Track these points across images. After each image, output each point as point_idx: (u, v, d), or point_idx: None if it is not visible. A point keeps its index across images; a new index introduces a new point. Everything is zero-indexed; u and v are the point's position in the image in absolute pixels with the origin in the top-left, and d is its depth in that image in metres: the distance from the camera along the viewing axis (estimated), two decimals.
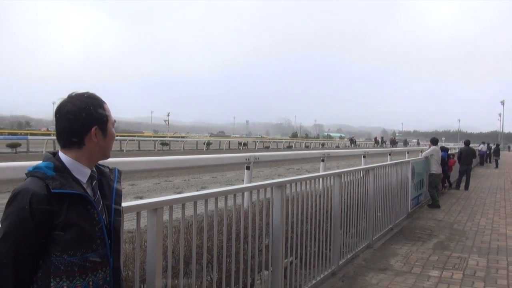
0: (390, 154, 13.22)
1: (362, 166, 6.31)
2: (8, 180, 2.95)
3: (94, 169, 1.61)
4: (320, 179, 4.57)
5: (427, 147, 11.49)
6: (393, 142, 64.39)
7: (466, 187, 13.41)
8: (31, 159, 1.63)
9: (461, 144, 29.50)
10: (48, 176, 1.43)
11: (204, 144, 38.48)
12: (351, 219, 5.29)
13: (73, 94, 1.56)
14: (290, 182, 3.84)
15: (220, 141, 42.65)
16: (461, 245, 6.26)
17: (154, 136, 52.42)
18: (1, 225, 1.42)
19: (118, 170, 1.73)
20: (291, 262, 3.86)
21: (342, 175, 5.00)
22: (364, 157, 10.84)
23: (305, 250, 4.09)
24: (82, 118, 1.51)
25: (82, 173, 1.53)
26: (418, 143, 72.54)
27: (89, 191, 1.54)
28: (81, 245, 1.46)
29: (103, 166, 1.69)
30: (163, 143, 35.71)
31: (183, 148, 33.63)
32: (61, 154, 1.53)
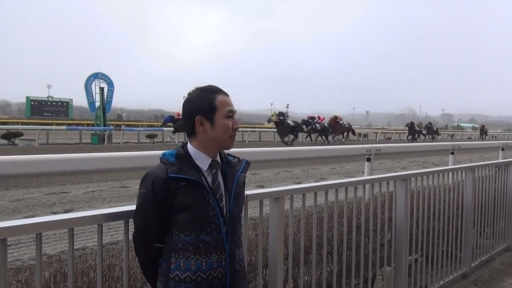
0: None
1: (500, 160, 5.66)
2: (147, 167, 3.31)
3: (219, 158, 1.71)
4: (450, 173, 4.22)
5: None
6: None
7: None
8: (166, 148, 1.83)
9: None
10: (169, 162, 1.59)
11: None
12: (486, 218, 4.80)
13: (196, 87, 1.70)
14: (416, 175, 3.62)
15: None
16: None
17: (274, 128, 53.60)
18: (136, 201, 1.65)
19: (247, 161, 1.80)
20: (416, 260, 3.66)
21: (476, 169, 4.54)
22: (503, 149, 9.70)
23: (432, 248, 3.84)
24: (189, 109, 1.66)
25: (202, 161, 1.65)
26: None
27: (209, 178, 1.64)
28: (195, 227, 1.58)
29: (233, 156, 1.79)
30: None
31: (302, 139, 33.87)
32: (188, 144, 1.69)
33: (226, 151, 1.78)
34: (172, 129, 26.73)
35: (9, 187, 8.89)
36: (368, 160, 5.53)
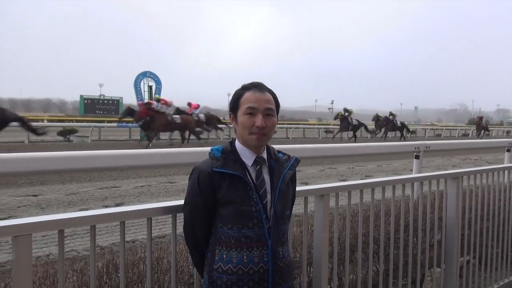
0: None
1: None
2: (193, 163, 3.38)
3: (266, 155, 1.72)
4: (505, 172, 4.01)
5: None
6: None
7: None
8: (211, 145, 1.90)
9: None
10: (215, 157, 1.65)
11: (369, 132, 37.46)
12: None
13: None
14: (468, 173, 3.46)
15: None
16: None
17: (318, 124, 53.12)
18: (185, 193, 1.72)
19: (296, 158, 1.79)
20: (468, 262, 3.51)
21: None
22: None
23: (486, 250, 3.66)
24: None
25: (247, 157, 1.68)
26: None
27: (253, 174, 1.66)
28: (237, 221, 1.62)
29: (283, 154, 1.80)
30: (327, 131, 35.92)
31: (347, 135, 33.29)
32: (236, 140, 1.73)
33: (276, 148, 1.80)
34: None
35: (65, 181, 9.39)
36: (417, 157, 5.36)
